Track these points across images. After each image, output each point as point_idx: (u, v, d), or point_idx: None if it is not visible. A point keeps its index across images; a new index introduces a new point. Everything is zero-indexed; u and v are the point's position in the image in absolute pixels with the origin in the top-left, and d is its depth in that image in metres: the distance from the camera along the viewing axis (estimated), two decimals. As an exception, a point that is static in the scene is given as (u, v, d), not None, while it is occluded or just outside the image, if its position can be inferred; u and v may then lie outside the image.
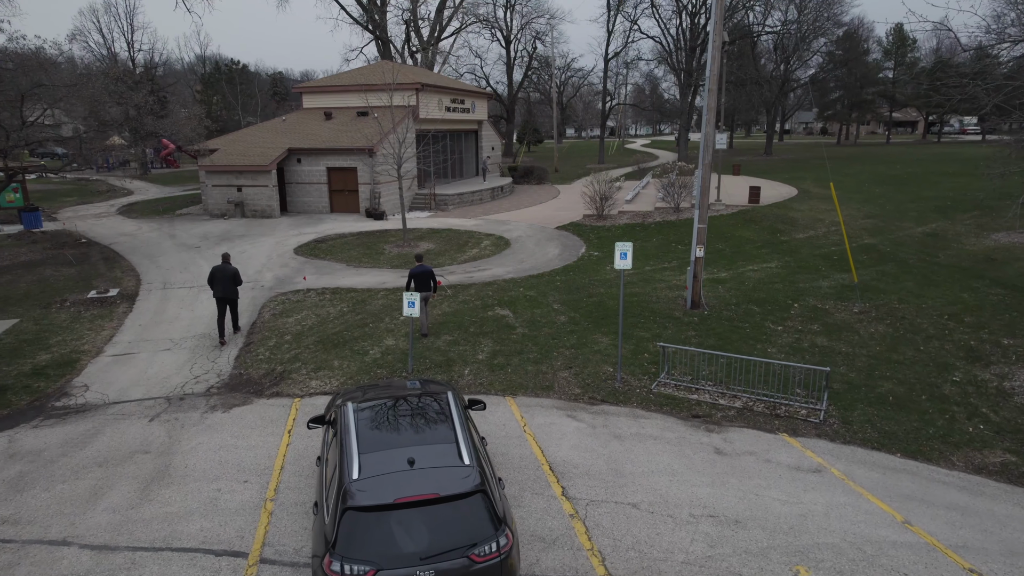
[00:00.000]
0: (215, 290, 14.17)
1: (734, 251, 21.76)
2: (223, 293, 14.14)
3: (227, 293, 14.16)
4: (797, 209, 27.86)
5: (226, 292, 14.14)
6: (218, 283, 14.13)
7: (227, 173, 30.54)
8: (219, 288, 14.12)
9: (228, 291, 14.15)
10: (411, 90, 32.59)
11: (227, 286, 14.13)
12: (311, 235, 26.54)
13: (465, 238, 25.44)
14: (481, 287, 18.36)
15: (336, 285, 18.86)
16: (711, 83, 15.07)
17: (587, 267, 20.49)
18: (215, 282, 14.16)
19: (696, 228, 15.81)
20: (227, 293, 14.16)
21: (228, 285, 14.13)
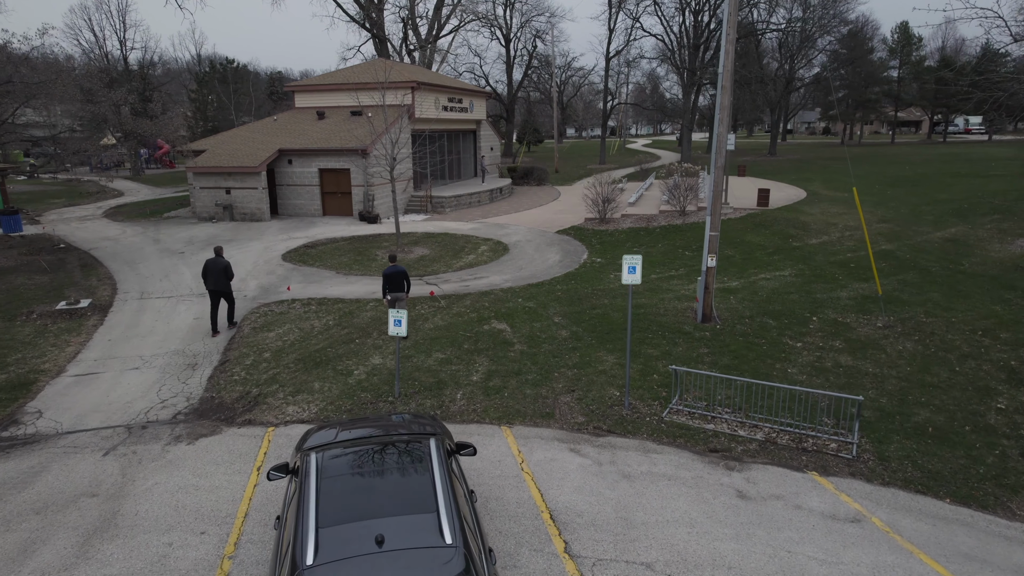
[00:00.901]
0: (207, 283, 14.66)
1: (745, 258, 20.64)
2: (215, 286, 14.60)
3: (218, 286, 14.62)
4: (808, 213, 26.74)
5: (217, 285, 14.60)
6: (210, 276, 14.59)
7: (215, 175, 29.44)
8: (211, 281, 14.59)
9: (219, 284, 14.60)
10: (406, 89, 31.48)
11: (219, 279, 14.56)
12: (301, 240, 25.43)
13: (462, 243, 24.33)
14: (477, 297, 17.25)
15: (323, 295, 17.75)
16: (724, 80, 13.96)
17: (589, 275, 19.38)
18: (208, 275, 14.62)
19: (708, 235, 14.71)
20: (218, 286, 14.62)
21: (220, 278, 14.56)
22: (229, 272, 14.67)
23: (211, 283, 14.60)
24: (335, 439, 7.09)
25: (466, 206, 33.27)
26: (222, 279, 14.58)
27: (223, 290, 14.75)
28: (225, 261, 14.68)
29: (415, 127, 32.93)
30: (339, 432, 7.31)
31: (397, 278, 14.03)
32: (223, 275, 14.56)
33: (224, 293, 14.84)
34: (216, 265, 14.53)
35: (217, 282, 14.58)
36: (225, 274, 14.58)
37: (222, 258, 14.76)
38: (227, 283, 14.74)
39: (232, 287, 15.34)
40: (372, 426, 7.54)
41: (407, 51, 57.53)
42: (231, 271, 14.79)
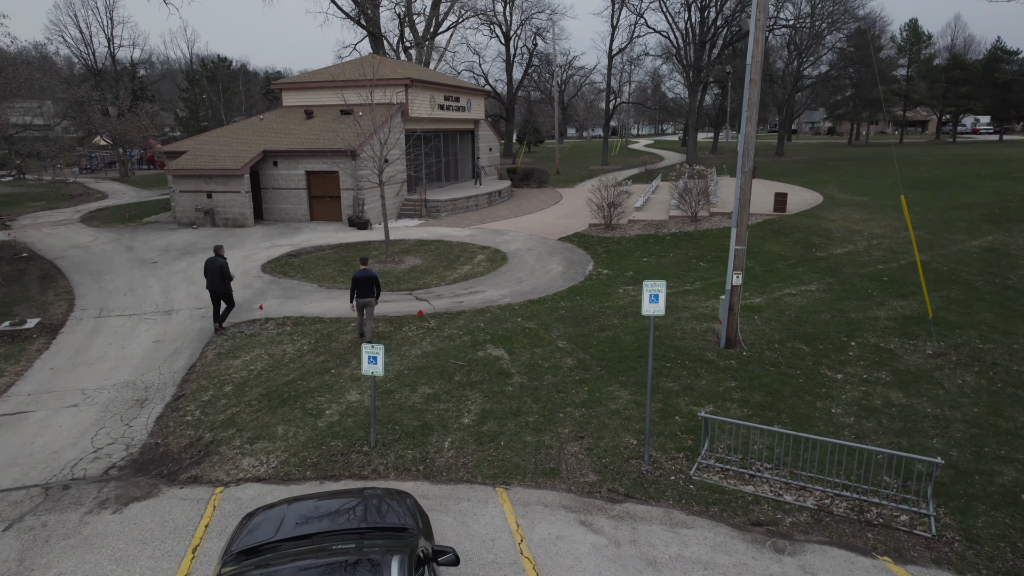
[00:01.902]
0: (207, 281, 14.48)
1: (766, 270, 18.87)
2: (211, 286, 14.38)
3: (214, 285, 14.34)
4: (828, 219, 24.97)
5: (214, 284, 14.33)
6: (208, 276, 14.41)
7: (196, 178, 27.68)
8: (208, 280, 14.40)
9: (215, 284, 14.31)
10: (399, 86, 29.71)
11: (214, 279, 14.28)
12: (285, 247, 23.67)
13: (457, 251, 22.57)
14: (472, 316, 15.48)
15: (301, 313, 15.98)
16: (753, 72, 12.19)
17: (596, 290, 17.62)
18: (206, 275, 14.46)
19: (733, 249, 12.94)
20: (214, 285, 14.34)
21: (216, 278, 14.27)
22: (225, 272, 14.30)
23: (208, 283, 14.37)
24: (274, 536, 5.39)
25: (463, 210, 31.52)
26: (218, 279, 14.25)
27: (219, 290, 14.39)
28: (222, 260, 14.31)
29: (409, 127, 31.17)
30: (283, 522, 5.61)
31: (366, 283, 13.46)
32: (219, 275, 14.22)
33: (221, 294, 14.48)
34: (213, 265, 14.25)
35: (213, 282, 14.29)
36: (221, 274, 14.24)
37: (220, 257, 14.42)
38: (223, 283, 14.37)
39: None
40: (327, 516, 5.80)
41: (403, 48, 55.80)
42: (227, 271, 14.38)
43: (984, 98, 72.94)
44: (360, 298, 13.53)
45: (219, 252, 14.69)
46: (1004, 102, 73.18)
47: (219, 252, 14.69)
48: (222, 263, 14.37)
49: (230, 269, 14.84)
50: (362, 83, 24.47)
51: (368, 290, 13.51)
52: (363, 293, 13.49)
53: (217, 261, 14.36)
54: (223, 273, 14.34)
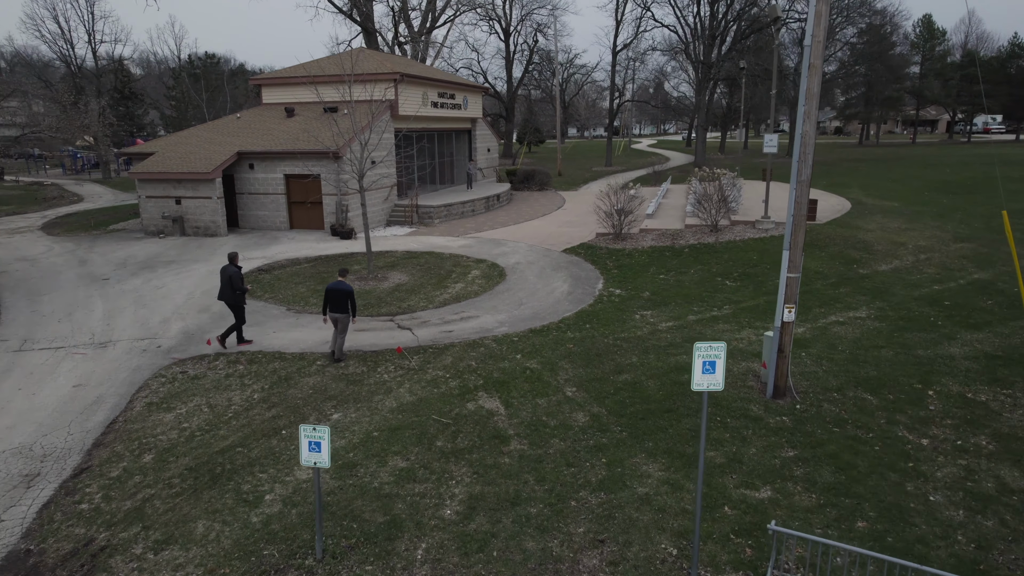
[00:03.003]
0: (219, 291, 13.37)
1: (804, 291, 16.35)
2: (221, 296, 13.26)
3: (223, 296, 13.19)
4: (863, 228, 22.43)
5: (223, 295, 13.20)
6: (221, 285, 13.27)
7: (163, 182, 25.16)
8: (220, 290, 13.28)
9: (224, 295, 13.17)
10: (388, 81, 27.19)
11: (223, 290, 13.16)
12: (257, 260, 21.15)
13: (449, 266, 20.05)
14: (462, 351, 12.97)
15: (260, 346, 13.47)
16: (813, 55, 9.66)
17: (608, 315, 15.10)
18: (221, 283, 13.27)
19: (784, 278, 10.43)
20: (223, 296, 13.19)
21: (225, 289, 13.13)
22: (236, 283, 13.06)
23: (219, 293, 13.26)
24: None
25: (458, 216, 29.00)
26: (227, 290, 13.07)
27: (227, 301, 13.17)
28: (233, 269, 13.12)
29: (399, 126, 28.65)
30: None
31: (339, 298, 12.27)
32: (227, 286, 13.05)
33: (231, 307, 13.26)
34: (224, 273, 13.13)
35: (223, 292, 13.13)
36: (230, 284, 13.03)
37: (233, 266, 13.23)
38: (232, 295, 13.09)
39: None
40: None
41: (398, 44, 53.27)
42: (237, 282, 13.07)
43: (1000, 96, 70.40)
44: (332, 312, 12.35)
45: (233, 260, 13.39)
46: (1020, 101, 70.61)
47: (233, 260, 13.39)
48: (232, 273, 13.05)
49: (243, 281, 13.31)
50: (345, 78, 21.98)
51: (341, 305, 12.30)
52: (335, 307, 12.31)
53: (228, 270, 13.08)
54: (232, 283, 13.00)
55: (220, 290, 13.22)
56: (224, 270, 13.14)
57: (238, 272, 13.16)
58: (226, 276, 13.05)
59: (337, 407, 10.64)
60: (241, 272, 13.30)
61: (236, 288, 13.06)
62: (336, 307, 12.30)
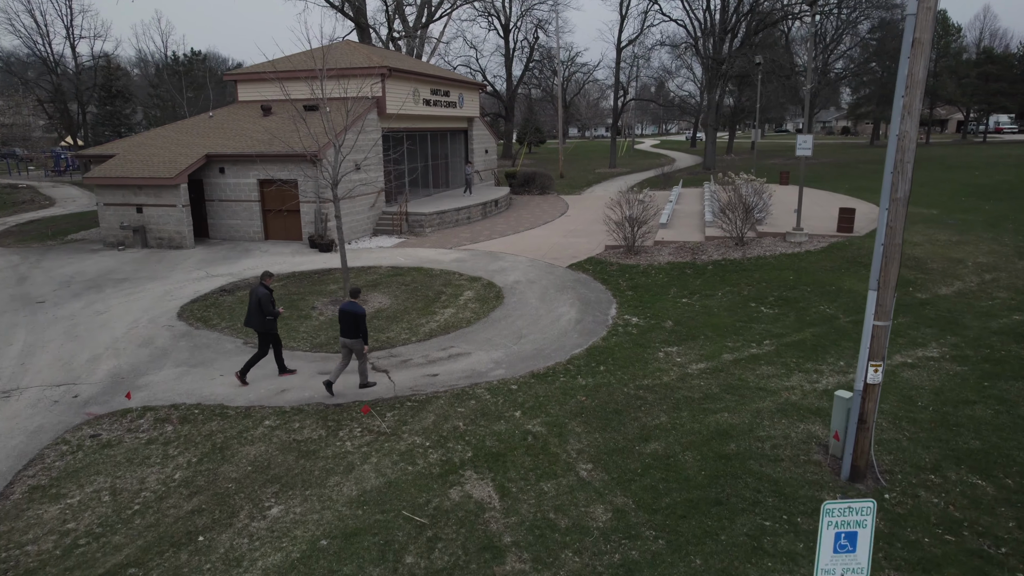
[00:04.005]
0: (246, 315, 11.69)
1: (856, 319, 13.81)
2: (248, 322, 11.64)
3: (251, 322, 11.59)
4: (909, 241, 19.89)
5: (250, 321, 11.61)
6: (248, 309, 11.61)
7: (123, 188, 22.61)
8: (247, 315, 11.65)
9: (252, 320, 11.56)
10: (374, 76, 24.65)
11: (252, 315, 11.52)
12: (221, 278, 18.62)
13: (439, 285, 17.52)
14: (447, 405, 10.43)
15: (200, 396, 10.93)
16: (919, 27, 7.11)
17: (626, 352, 12.55)
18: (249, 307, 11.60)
19: (869, 326, 7.88)
20: (251, 322, 11.59)
21: (254, 314, 11.49)
22: (264, 306, 11.31)
23: (246, 318, 11.61)
24: None
25: (452, 224, 26.46)
26: (255, 315, 11.40)
27: (256, 327, 11.49)
28: (262, 290, 11.43)
29: (388, 125, 26.14)
30: None
31: (348, 320, 10.69)
32: (257, 309, 11.37)
33: (260, 334, 11.59)
34: (251, 297, 11.48)
35: (249, 318, 11.50)
36: (259, 308, 11.33)
37: (263, 287, 11.52)
38: (261, 320, 11.37)
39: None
40: None
41: (392, 40, 50.73)
42: (268, 305, 11.33)
43: (1018, 95, 67.85)
44: (343, 336, 10.86)
45: (264, 281, 11.67)
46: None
47: (264, 281, 11.67)
48: (262, 295, 11.36)
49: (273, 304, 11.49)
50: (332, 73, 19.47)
51: (352, 329, 10.72)
52: (346, 331, 10.78)
53: (258, 292, 11.43)
54: (261, 307, 11.33)
55: (247, 315, 11.56)
56: (253, 292, 11.48)
57: (268, 294, 11.40)
58: (254, 299, 11.38)
59: (279, 495, 8.10)
60: (272, 294, 11.51)
61: (266, 312, 11.32)
62: (347, 331, 10.73)
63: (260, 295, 11.37)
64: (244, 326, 11.99)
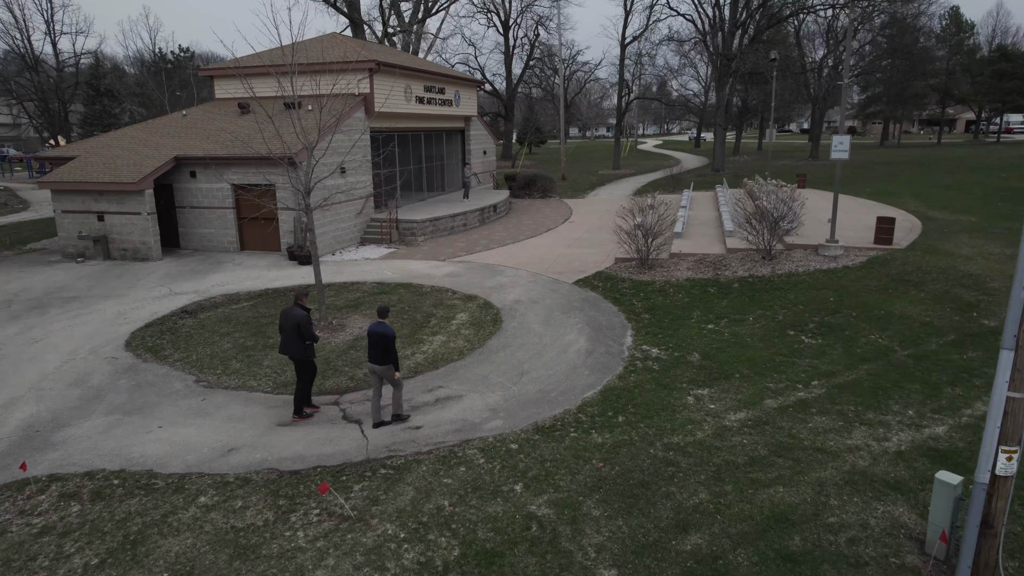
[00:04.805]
0: (281, 342, 10.04)
1: (916, 353, 11.72)
2: (284, 349, 9.96)
3: (288, 349, 9.92)
4: (958, 255, 17.79)
5: (287, 349, 9.92)
6: (282, 334, 9.97)
7: (82, 194, 20.53)
8: (282, 341, 9.98)
9: (289, 347, 9.88)
10: (362, 72, 22.57)
11: (288, 340, 9.86)
12: (185, 296, 16.55)
13: (429, 306, 15.45)
14: (430, 474, 8.36)
15: (123, 461, 8.84)
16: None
17: (647, 395, 10.48)
18: (281, 330, 10.01)
19: (1000, 399, 5.79)
20: (288, 349, 9.92)
21: (290, 339, 9.83)
22: (304, 329, 9.80)
23: (281, 344, 10.07)
24: None
25: (446, 232, 24.38)
26: (293, 340, 9.87)
27: (294, 355, 9.93)
28: (300, 313, 9.88)
29: (377, 124, 24.06)
30: None
31: (378, 343, 9.44)
32: (295, 333, 9.84)
33: (296, 361, 10.01)
34: (288, 319, 9.91)
35: (287, 345, 9.94)
36: (298, 332, 9.82)
37: (299, 307, 9.98)
38: (299, 346, 9.85)
39: (305, 358, 9.94)
40: None
41: (387, 36, 48.65)
42: (307, 327, 9.81)
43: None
44: (370, 362, 9.56)
45: (299, 300, 10.03)
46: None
47: (299, 300, 10.03)
48: (300, 318, 9.77)
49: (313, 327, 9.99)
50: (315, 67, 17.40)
51: (381, 353, 9.41)
52: (374, 356, 9.49)
53: (294, 314, 9.82)
54: (300, 330, 9.76)
55: (283, 342, 9.97)
56: (288, 315, 9.88)
57: (307, 316, 9.84)
58: (291, 322, 9.79)
59: (198, 622, 6.01)
60: (310, 315, 9.97)
61: (307, 337, 9.78)
62: (376, 355, 9.46)
63: (299, 318, 9.76)
64: (280, 353, 10.18)
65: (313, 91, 17.61)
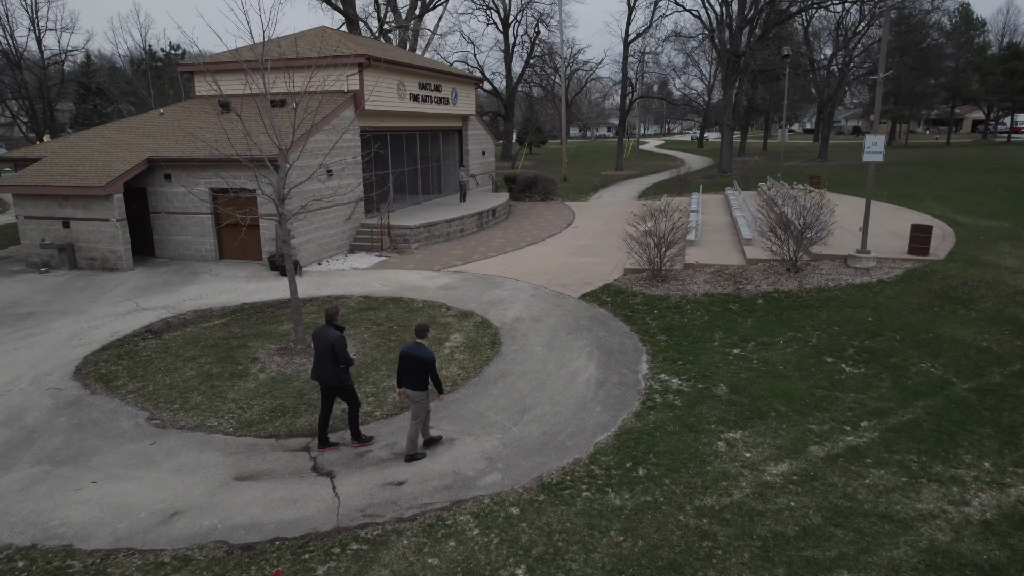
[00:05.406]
0: (312, 367, 8.85)
1: (972, 387, 10.17)
2: (318, 375, 8.73)
3: (321, 375, 8.67)
4: (1002, 267, 16.23)
5: (321, 374, 8.67)
6: (316, 356, 8.72)
7: (46, 199, 18.97)
8: (314, 365, 8.75)
9: (323, 372, 8.63)
10: (351, 66, 21.02)
11: (322, 365, 8.62)
12: (153, 312, 15.01)
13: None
14: (412, 551, 6.82)
15: (38, 532, 7.29)
16: None
17: (670, 437, 8.92)
18: (316, 353, 8.72)
19: None
20: (321, 375, 8.67)
21: (324, 363, 8.59)
22: (339, 352, 8.53)
23: (314, 370, 8.82)
24: None
25: (442, 239, 22.83)
26: (327, 364, 8.62)
27: (328, 381, 8.70)
28: (335, 333, 8.62)
29: (367, 124, 22.52)
30: None
31: (414, 368, 8.22)
32: (329, 356, 8.59)
33: (332, 388, 8.75)
34: (322, 340, 8.66)
35: (320, 368, 8.70)
36: (332, 354, 8.55)
37: (333, 327, 8.77)
38: (334, 371, 8.61)
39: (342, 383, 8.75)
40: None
41: (384, 34, 47.10)
42: (342, 350, 8.54)
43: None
44: (406, 387, 8.44)
45: (332, 318, 8.87)
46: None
47: (332, 318, 8.87)
48: (335, 339, 8.58)
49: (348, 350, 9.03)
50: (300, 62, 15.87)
51: (418, 379, 8.31)
52: (410, 381, 8.36)
53: (328, 335, 8.65)
54: (336, 353, 8.55)
55: (315, 366, 8.76)
56: (321, 336, 8.68)
57: (342, 337, 8.61)
58: (326, 344, 8.59)
59: None
60: (344, 335, 8.92)
61: (342, 361, 8.57)
62: (411, 380, 8.34)
63: (333, 339, 8.57)
64: (312, 379, 9.03)
65: (297, 88, 16.04)
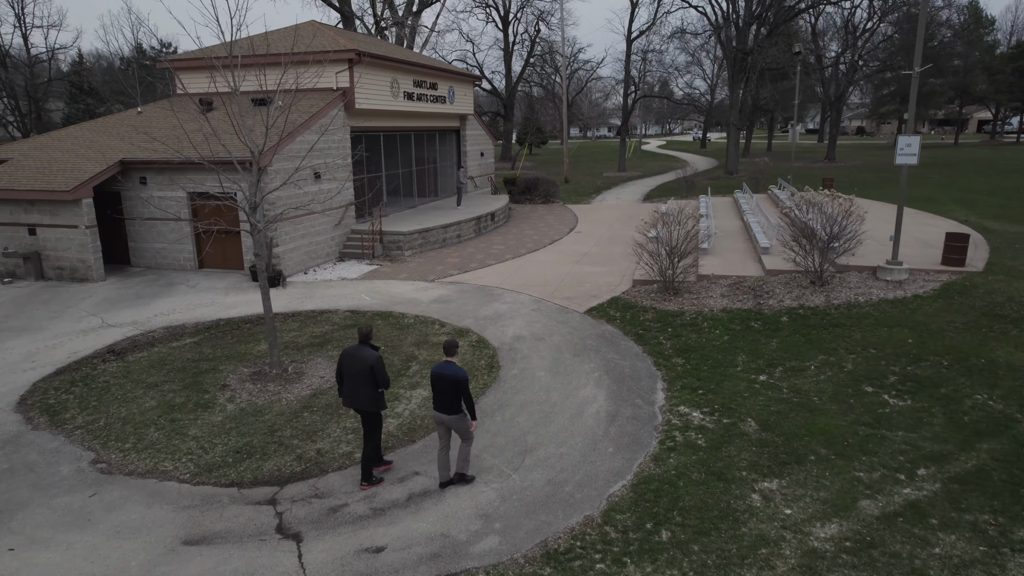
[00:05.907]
0: (344, 393, 7.81)
1: (1050, 428, 8.86)
2: (351, 401, 7.73)
3: (356, 400, 7.70)
4: (1043, 278, 14.93)
5: (355, 400, 7.70)
6: (349, 381, 7.72)
7: (10, 203, 17.67)
8: (347, 390, 7.74)
9: (357, 397, 7.67)
10: (340, 63, 19.72)
11: (357, 389, 7.64)
12: (120, 330, 13.71)
13: (409, 346, 12.60)
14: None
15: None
16: None
17: (695, 489, 7.63)
18: (343, 379, 7.83)
19: None
20: (356, 400, 7.70)
21: (358, 386, 7.62)
22: (379, 374, 7.50)
23: (346, 394, 7.73)
24: None
25: (438, 245, 21.53)
26: (363, 389, 7.57)
27: (367, 408, 7.65)
28: (371, 354, 7.53)
29: (358, 123, 21.23)
30: None
31: (447, 388, 7.35)
32: (365, 380, 7.53)
33: (366, 414, 7.73)
34: (359, 362, 7.54)
35: (355, 395, 7.64)
36: (372, 378, 7.51)
37: (368, 346, 7.66)
38: (372, 396, 7.58)
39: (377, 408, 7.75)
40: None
41: (380, 31, 45.80)
42: (382, 372, 7.52)
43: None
44: (437, 411, 7.56)
45: (367, 338, 7.78)
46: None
47: (367, 338, 7.78)
48: (374, 360, 7.53)
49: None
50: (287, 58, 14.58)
51: (449, 402, 7.39)
52: (441, 404, 7.48)
53: (366, 356, 7.58)
54: (375, 374, 7.53)
55: (349, 392, 7.73)
56: (356, 357, 7.64)
57: (380, 357, 7.63)
58: (364, 365, 7.57)
59: None
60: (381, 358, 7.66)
61: (381, 383, 7.62)
62: (444, 403, 7.51)
63: (372, 361, 7.57)
64: (345, 407, 8.22)
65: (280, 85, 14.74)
